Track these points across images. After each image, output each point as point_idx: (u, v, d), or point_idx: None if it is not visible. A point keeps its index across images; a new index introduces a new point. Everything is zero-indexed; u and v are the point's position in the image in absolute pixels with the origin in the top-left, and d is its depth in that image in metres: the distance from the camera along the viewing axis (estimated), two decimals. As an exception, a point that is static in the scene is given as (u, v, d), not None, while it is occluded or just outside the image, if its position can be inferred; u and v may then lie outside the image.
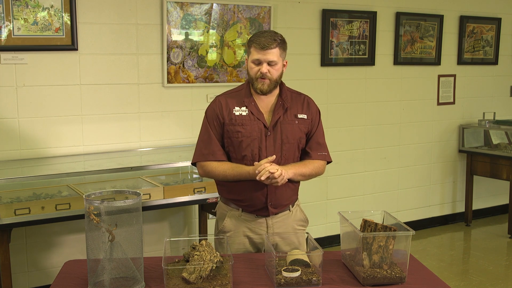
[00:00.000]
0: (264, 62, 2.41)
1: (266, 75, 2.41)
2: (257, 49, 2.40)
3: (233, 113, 2.47)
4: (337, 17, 4.62)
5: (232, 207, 2.56)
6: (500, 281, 4.18)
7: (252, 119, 2.47)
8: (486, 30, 5.49)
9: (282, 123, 2.49)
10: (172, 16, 3.93)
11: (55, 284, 2.10)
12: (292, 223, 2.61)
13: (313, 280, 2.06)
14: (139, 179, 3.76)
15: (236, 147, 2.46)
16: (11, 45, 3.48)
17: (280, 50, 2.44)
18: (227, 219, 2.56)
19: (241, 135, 2.45)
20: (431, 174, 5.41)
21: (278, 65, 2.44)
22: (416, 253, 4.58)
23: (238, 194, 2.51)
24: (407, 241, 2.13)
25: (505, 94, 5.78)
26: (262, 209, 2.51)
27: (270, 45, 2.39)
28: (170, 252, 2.22)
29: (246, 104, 2.48)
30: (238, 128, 2.46)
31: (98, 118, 3.81)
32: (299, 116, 2.53)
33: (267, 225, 2.54)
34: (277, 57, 2.43)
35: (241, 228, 2.53)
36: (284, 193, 2.52)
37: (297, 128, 2.51)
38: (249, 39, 2.49)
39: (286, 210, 2.58)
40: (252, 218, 2.53)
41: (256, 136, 2.45)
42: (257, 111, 2.48)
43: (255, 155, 2.45)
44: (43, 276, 3.76)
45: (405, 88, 5.12)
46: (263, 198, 2.48)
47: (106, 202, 1.94)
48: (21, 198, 3.35)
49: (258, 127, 2.46)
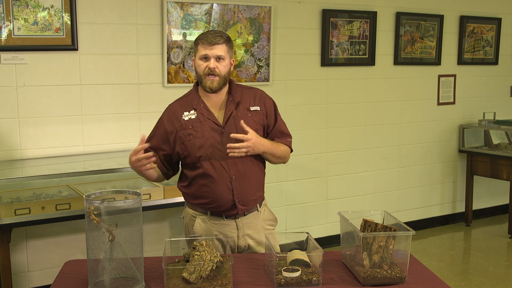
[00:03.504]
0: (212, 57, 2.42)
1: (214, 71, 2.42)
2: (205, 45, 2.42)
3: (182, 119, 2.49)
4: (337, 17, 4.62)
5: (200, 212, 2.56)
6: (500, 281, 4.18)
7: (202, 120, 2.47)
8: (486, 30, 5.49)
9: (235, 118, 2.48)
10: (172, 16, 3.93)
11: (55, 284, 2.10)
12: (262, 223, 2.60)
13: (313, 280, 2.06)
14: (139, 179, 3.76)
15: (191, 150, 2.46)
16: (11, 45, 3.48)
17: (227, 47, 2.46)
18: (196, 224, 2.56)
19: (193, 137, 2.46)
20: (431, 174, 5.41)
21: (225, 61, 2.45)
22: (416, 253, 4.58)
23: (204, 196, 2.50)
24: (407, 241, 2.13)
25: (505, 94, 5.78)
26: (230, 208, 2.49)
27: (218, 41, 2.42)
28: (170, 252, 2.22)
29: (194, 107, 2.49)
30: (189, 131, 2.46)
31: (98, 118, 3.81)
32: (252, 109, 2.53)
33: (237, 227, 2.53)
34: (225, 52, 2.44)
35: (212, 232, 2.52)
36: (250, 188, 2.51)
37: (252, 121, 2.50)
38: (195, 39, 2.50)
39: (254, 211, 2.57)
40: (220, 221, 2.52)
41: (208, 136, 2.45)
42: (207, 111, 2.48)
43: (210, 154, 2.44)
44: (43, 276, 3.76)
45: (405, 88, 5.12)
46: (229, 195, 2.47)
47: (106, 202, 1.94)
48: (21, 198, 3.35)
49: (210, 127, 2.46)
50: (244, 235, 2.53)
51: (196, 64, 2.47)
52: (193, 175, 2.50)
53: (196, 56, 2.47)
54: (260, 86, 4.29)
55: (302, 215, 4.69)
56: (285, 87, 4.48)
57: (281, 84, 4.43)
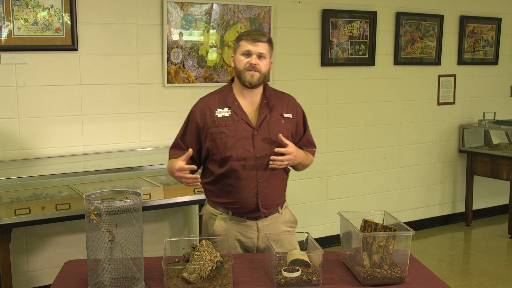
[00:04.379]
0: (254, 53, 2.43)
1: (255, 67, 2.42)
2: (248, 41, 2.43)
3: (215, 115, 2.47)
4: (337, 17, 4.62)
5: (221, 211, 2.53)
6: (500, 281, 4.18)
7: (236, 119, 2.45)
8: (486, 30, 5.49)
9: (269, 122, 2.48)
10: (172, 16, 3.93)
11: (55, 284, 2.10)
12: (282, 225, 2.59)
13: (313, 280, 2.06)
14: (139, 179, 3.76)
15: (221, 148, 2.44)
16: (11, 45, 3.48)
17: (269, 47, 2.47)
18: (217, 223, 2.53)
19: (225, 135, 2.44)
20: (431, 174, 5.41)
21: (266, 60, 2.46)
22: (416, 253, 4.58)
23: (228, 196, 2.49)
24: (407, 241, 2.13)
25: (505, 94, 5.78)
26: (253, 210, 2.48)
27: (261, 38, 2.43)
28: (170, 252, 2.22)
29: (229, 105, 2.48)
30: (221, 129, 2.44)
31: (98, 118, 3.81)
32: (285, 115, 2.53)
33: (257, 229, 2.52)
34: (267, 51, 2.45)
35: (232, 232, 2.51)
36: (274, 192, 2.51)
37: (284, 127, 2.51)
38: (238, 36, 2.51)
39: (275, 212, 2.57)
40: (241, 222, 2.51)
41: (241, 136, 2.44)
42: (241, 111, 2.47)
43: (241, 155, 2.43)
44: (43, 276, 3.76)
45: (405, 88, 5.12)
46: (254, 198, 2.46)
47: (106, 202, 1.94)
48: (21, 198, 3.35)
49: (243, 127, 2.45)
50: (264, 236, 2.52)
51: (236, 59, 2.47)
52: (219, 173, 2.47)
53: (237, 52, 2.48)
54: (260, 86, 4.29)
55: (302, 215, 4.68)
56: (285, 87, 4.48)
57: (281, 84, 4.43)
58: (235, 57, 2.49)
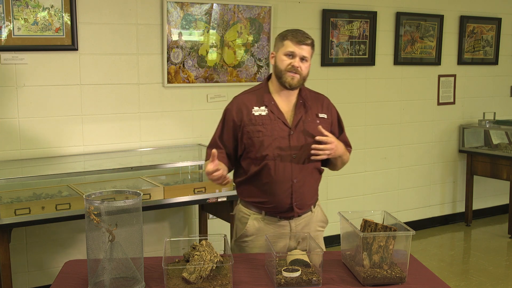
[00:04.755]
0: (298, 56, 2.40)
1: (297, 70, 2.40)
2: (293, 42, 2.40)
3: (252, 113, 2.45)
4: (337, 17, 4.62)
5: (254, 211, 2.51)
6: (500, 281, 4.18)
7: (273, 118, 2.44)
8: (486, 30, 5.49)
9: (305, 122, 2.47)
10: (172, 16, 3.93)
11: (55, 284, 2.09)
12: (314, 225, 2.58)
13: (313, 280, 2.06)
14: (139, 179, 3.76)
15: (258, 147, 2.43)
16: (11, 45, 3.48)
17: (311, 50, 2.45)
18: (249, 223, 2.51)
19: (262, 134, 2.43)
20: (431, 174, 5.41)
21: (308, 63, 2.44)
22: (416, 253, 4.58)
23: (261, 196, 2.47)
24: (407, 241, 2.13)
25: (505, 94, 5.78)
26: (286, 210, 2.47)
27: (306, 41, 2.41)
28: (170, 252, 2.22)
29: (265, 104, 2.47)
30: (258, 128, 2.43)
31: (98, 118, 3.81)
32: (320, 116, 2.52)
33: (290, 228, 2.51)
34: (309, 55, 2.43)
35: (265, 232, 2.47)
36: (308, 192, 2.50)
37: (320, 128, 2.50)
38: (281, 33, 2.47)
39: (308, 211, 2.56)
40: (275, 221, 2.50)
41: (277, 136, 2.42)
42: (278, 110, 2.46)
43: (276, 154, 2.41)
44: (43, 276, 3.76)
45: (405, 88, 5.12)
46: (288, 198, 2.44)
47: (106, 202, 1.94)
48: (21, 198, 3.35)
49: (279, 127, 2.44)
50: (296, 235, 2.51)
51: (278, 59, 2.44)
52: (253, 172, 2.46)
53: (279, 50, 2.44)
54: (260, 86, 4.29)
55: (302, 215, 4.68)
56: (285, 87, 4.48)
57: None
58: (276, 56, 2.46)
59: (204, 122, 4.16)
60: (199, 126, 4.16)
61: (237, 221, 2.60)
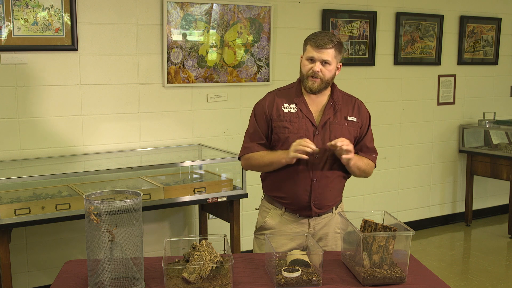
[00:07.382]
0: (318, 60, 2.41)
1: (317, 74, 2.41)
2: (313, 47, 2.42)
3: (281, 109, 2.49)
4: (337, 17, 4.62)
5: (276, 206, 2.56)
6: (500, 281, 4.18)
7: (301, 116, 2.47)
8: (486, 30, 5.49)
9: (332, 123, 2.48)
10: (172, 16, 3.93)
11: (55, 284, 2.09)
12: (333, 227, 2.58)
13: (313, 280, 2.06)
14: (139, 179, 3.76)
15: (283, 143, 2.46)
16: (11, 45, 3.48)
17: (335, 52, 2.44)
18: (269, 217, 2.56)
19: (288, 131, 2.45)
20: (431, 174, 5.41)
21: (331, 66, 2.43)
22: (416, 253, 4.58)
23: (281, 190, 2.50)
24: (407, 241, 2.13)
25: (505, 94, 5.78)
26: (305, 208, 2.49)
27: (326, 45, 2.40)
28: (170, 252, 2.22)
29: (295, 102, 2.49)
30: (285, 124, 2.46)
31: (98, 118, 3.81)
32: (349, 119, 2.52)
33: (309, 227, 2.53)
34: (332, 57, 2.42)
35: (283, 228, 2.52)
36: (329, 193, 2.51)
37: (346, 130, 2.50)
38: (307, 37, 2.49)
39: (329, 212, 2.56)
40: (294, 219, 2.52)
41: (303, 134, 2.44)
42: (306, 109, 2.48)
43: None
44: (43, 276, 3.76)
45: (405, 88, 5.12)
46: (306, 197, 2.47)
47: (106, 202, 1.94)
48: (21, 198, 3.35)
49: (306, 125, 2.45)
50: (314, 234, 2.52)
51: (302, 63, 2.48)
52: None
53: (304, 54, 2.48)
54: (260, 86, 4.30)
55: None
56: (285, 87, 4.48)
57: (281, 84, 4.39)
58: (302, 59, 2.49)
59: (204, 122, 4.16)
60: (199, 126, 4.16)
61: (259, 214, 2.66)
